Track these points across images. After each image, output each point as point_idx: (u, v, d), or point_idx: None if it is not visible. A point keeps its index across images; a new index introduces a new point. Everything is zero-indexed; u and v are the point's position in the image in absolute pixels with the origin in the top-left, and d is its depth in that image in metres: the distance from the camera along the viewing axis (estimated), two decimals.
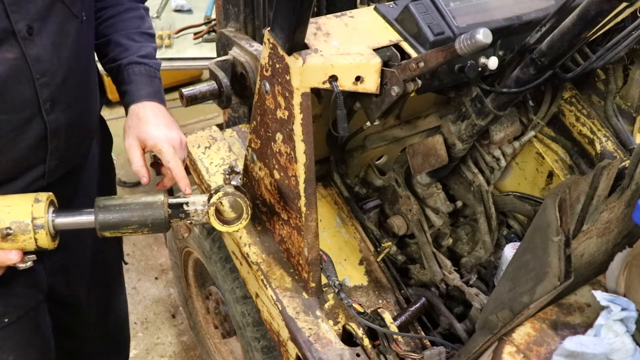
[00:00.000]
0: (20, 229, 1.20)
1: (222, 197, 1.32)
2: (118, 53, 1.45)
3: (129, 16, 1.48)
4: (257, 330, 1.87)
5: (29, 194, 1.25)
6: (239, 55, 1.78)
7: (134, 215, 1.28)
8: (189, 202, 1.31)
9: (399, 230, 1.79)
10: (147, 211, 1.29)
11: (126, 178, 3.68)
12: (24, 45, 1.16)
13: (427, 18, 1.36)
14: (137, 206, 1.29)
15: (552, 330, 1.25)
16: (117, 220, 1.28)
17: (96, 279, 1.72)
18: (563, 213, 1.08)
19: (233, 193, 1.32)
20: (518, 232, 1.93)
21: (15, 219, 1.20)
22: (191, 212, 1.31)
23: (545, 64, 1.34)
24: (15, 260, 1.21)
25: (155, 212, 1.29)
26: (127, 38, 1.45)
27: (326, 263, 1.55)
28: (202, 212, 1.31)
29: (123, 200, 1.30)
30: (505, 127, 1.73)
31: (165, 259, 3.18)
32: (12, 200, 1.23)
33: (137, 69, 1.44)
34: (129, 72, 1.44)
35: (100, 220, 1.27)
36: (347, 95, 1.41)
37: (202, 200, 1.32)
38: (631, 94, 1.85)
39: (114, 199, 1.30)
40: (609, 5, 1.18)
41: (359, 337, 1.45)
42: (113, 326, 1.95)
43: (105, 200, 1.30)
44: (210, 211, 1.32)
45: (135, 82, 1.43)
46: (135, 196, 1.31)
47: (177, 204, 1.31)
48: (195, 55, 2.69)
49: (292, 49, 1.28)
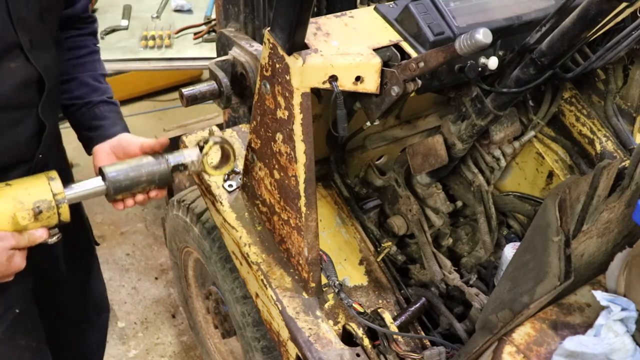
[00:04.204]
0: (45, 206, 1.26)
1: (212, 146, 1.45)
2: (87, 92, 1.58)
3: (94, 59, 1.64)
4: (257, 330, 1.87)
5: (35, 176, 1.30)
6: (239, 55, 1.78)
7: (142, 174, 1.38)
8: (185, 157, 1.44)
9: (399, 230, 1.79)
10: (153, 168, 1.40)
11: None
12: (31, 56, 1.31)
13: (427, 18, 1.37)
14: (142, 166, 1.39)
15: (552, 330, 1.25)
16: (129, 182, 1.37)
17: (69, 259, 1.78)
18: (563, 213, 1.08)
19: (221, 141, 1.46)
20: (518, 232, 1.93)
21: (38, 199, 1.25)
22: (188, 164, 1.44)
23: (545, 64, 1.34)
24: (44, 237, 1.28)
25: (160, 168, 1.41)
26: (93, 79, 1.60)
27: (326, 263, 1.55)
28: (197, 162, 1.45)
29: (127, 163, 1.39)
30: (505, 127, 1.73)
31: (165, 259, 3.18)
32: (26, 183, 1.28)
33: (108, 107, 1.59)
34: (102, 110, 1.58)
35: (113, 185, 1.36)
36: (347, 95, 1.41)
37: (196, 152, 1.45)
38: (631, 94, 1.85)
39: (118, 164, 1.39)
40: (609, 5, 1.18)
41: (359, 337, 1.45)
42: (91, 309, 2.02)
43: (110, 166, 1.38)
44: (205, 160, 1.46)
45: (110, 118, 1.57)
46: (134, 159, 1.41)
47: (177, 160, 1.44)
48: (195, 55, 2.69)
49: (292, 49, 1.28)
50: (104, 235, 3.32)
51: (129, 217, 3.45)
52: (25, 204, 1.23)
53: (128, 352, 2.74)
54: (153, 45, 2.68)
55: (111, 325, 2.84)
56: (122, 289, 3.03)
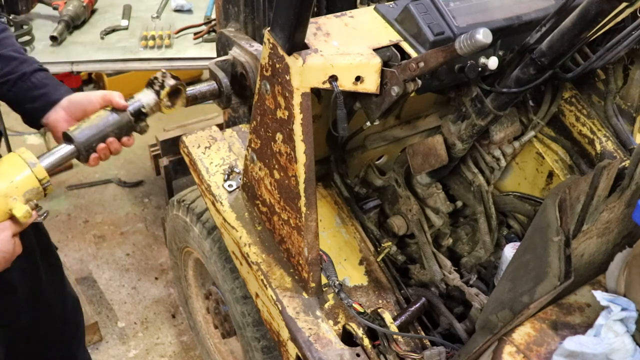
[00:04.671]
0: (34, 193, 1.29)
1: (169, 91, 1.49)
2: (17, 65, 1.52)
3: (8, 35, 1.58)
4: (257, 330, 1.87)
5: (11, 161, 1.30)
6: (239, 55, 1.78)
7: (108, 127, 1.42)
8: (144, 105, 1.47)
9: (399, 230, 1.79)
10: (116, 119, 1.43)
11: (126, 178, 3.68)
12: None
13: (427, 18, 1.37)
14: (105, 120, 1.42)
15: (552, 330, 1.25)
16: (97, 137, 1.40)
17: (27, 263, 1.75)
18: (563, 213, 1.08)
19: (175, 84, 1.50)
20: (518, 232, 1.93)
21: (27, 189, 1.28)
22: (147, 111, 1.48)
23: (545, 64, 1.34)
24: (35, 218, 1.30)
25: (123, 118, 1.44)
26: (17, 52, 1.55)
27: (326, 263, 1.55)
28: (155, 107, 1.49)
29: (89, 121, 1.41)
30: (505, 127, 1.73)
31: (165, 259, 3.18)
32: (7, 173, 1.28)
33: (44, 74, 1.54)
34: (38, 78, 1.52)
35: (82, 146, 1.38)
36: (347, 95, 1.40)
37: (152, 97, 1.48)
38: (631, 94, 1.85)
39: (80, 124, 1.41)
40: (609, 5, 1.18)
41: (359, 337, 1.45)
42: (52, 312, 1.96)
43: (75, 129, 1.39)
44: (162, 103, 1.50)
45: (51, 84, 1.52)
46: (95, 115, 1.42)
47: (136, 107, 1.47)
48: (195, 55, 2.69)
49: (292, 49, 1.28)
50: (104, 235, 3.32)
51: (129, 217, 3.45)
52: (18, 198, 1.26)
53: (128, 352, 2.73)
54: (153, 45, 2.68)
55: (111, 325, 2.84)
56: (122, 289, 3.03)
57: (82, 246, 3.25)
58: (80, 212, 3.47)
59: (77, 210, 3.47)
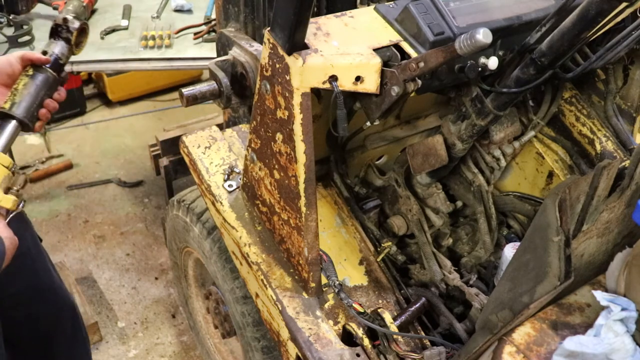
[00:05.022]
0: (7, 181, 1.34)
1: (77, 34, 1.55)
2: None
3: None
4: (257, 330, 1.87)
5: None
6: (239, 55, 1.78)
7: (39, 91, 1.46)
8: (59, 56, 1.52)
9: (399, 230, 1.79)
10: (42, 81, 1.47)
11: (126, 178, 3.68)
12: None
13: (427, 18, 1.36)
14: (34, 85, 1.46)
15: (552, 330, 1.25)
16: (35, 104, 1.45)
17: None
18: (563, 213, 1.08)
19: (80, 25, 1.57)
20: (518, 232, 1.93)
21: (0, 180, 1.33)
22: (64, 60, 1.54)
23: (545, 64, 1.34)
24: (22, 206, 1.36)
25: (48, 78, 1.49)
26: None
27: (326, 263, 1.54)
28: (69, 53, 1.56)
29: (19, 93, 1.45)
30: (505, 127, 1.73)
31: (165, 259, 3.18)
32: None
33: None
34: None
35: (24, 118, 1.43)
36: (347, 95, 1.40)
37: (65, 46, 1.55)
38: (631, 94, 1.85)
39: (10, 98, 1.44)
40: (609, 5, 1.18)
41: (359, 337, 1.45)
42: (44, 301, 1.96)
43: (8, 105, 1.43)
44: (75, 50, 1.58)
45: None
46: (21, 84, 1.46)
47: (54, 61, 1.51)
48: (195, 55, 2.69)
49: (292, 49, 1.28)
50: (104, 235, 3.32)
51: (129, 217, 3.45)
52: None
53: (128, 352, 2.74)
54: (153, 45, 2.68)
55: (111, 325, 2.84)
56: (122, 289, 3.03)
57: (82, 246, 3.25)
58: (80, 212, 3.47)
59: (77, 210, 3.47)
